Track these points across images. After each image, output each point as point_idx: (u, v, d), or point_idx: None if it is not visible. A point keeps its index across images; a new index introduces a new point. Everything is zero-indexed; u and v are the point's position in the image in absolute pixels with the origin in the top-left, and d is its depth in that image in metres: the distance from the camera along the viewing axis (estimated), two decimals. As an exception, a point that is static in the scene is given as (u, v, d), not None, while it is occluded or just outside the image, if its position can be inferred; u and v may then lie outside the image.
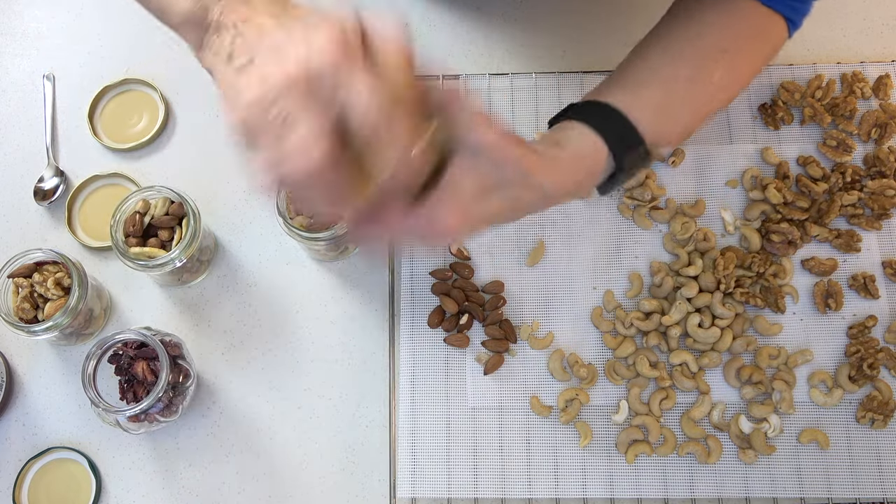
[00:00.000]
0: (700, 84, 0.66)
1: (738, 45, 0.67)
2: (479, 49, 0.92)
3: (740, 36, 0.68)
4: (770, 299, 0.79)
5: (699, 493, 0.75)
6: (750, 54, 0.69)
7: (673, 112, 0.65)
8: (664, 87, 0.65)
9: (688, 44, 0.67)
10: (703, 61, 0.66)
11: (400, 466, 0.76)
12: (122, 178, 0.86)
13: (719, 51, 0.67)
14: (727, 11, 0.68)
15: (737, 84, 0.69)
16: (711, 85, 0.67)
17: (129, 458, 0.78)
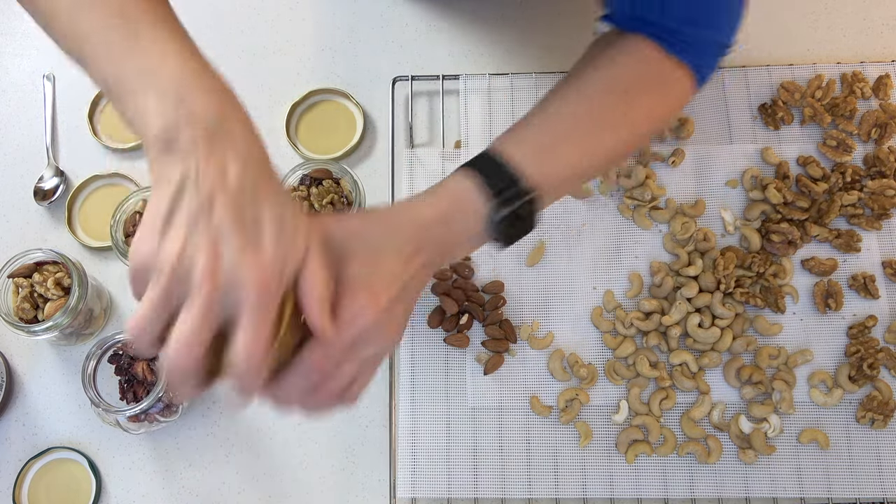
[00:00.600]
0: (589, 120, 0.64)
1: (636, 88, 0.66)
2: (479, 49, 0.92)
3: (640, 80, 0.66)
4: (770, 299, 0.79)
5: (699, 493, 0.75)
6: (648, 99, 0.67)
7: (556, 149, 0.62)
8: (549, 126, 0.63)
9: (582, 83, 0.65)
10: (595, 100, 0.64)
11: (400, 466, 0.76)
12: (122, 178, 0.86)
13: (611, 91, 0.65)
14: (629, 56, 0.67)
15: (633, 127, 0.66)
16: (603, 123, 0.64)
17: (129, 458, 0.78)
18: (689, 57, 0.67)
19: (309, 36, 0.93)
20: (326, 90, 0.89)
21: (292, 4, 0.94)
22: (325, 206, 0.77)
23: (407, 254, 0.56)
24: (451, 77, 0.89)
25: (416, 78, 0.89)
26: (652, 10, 0.66)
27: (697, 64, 0.67)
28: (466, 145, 0.85)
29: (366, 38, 0.93)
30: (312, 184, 0.78)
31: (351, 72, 0.91)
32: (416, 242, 0.57)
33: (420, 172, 0.85)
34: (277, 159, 0.87)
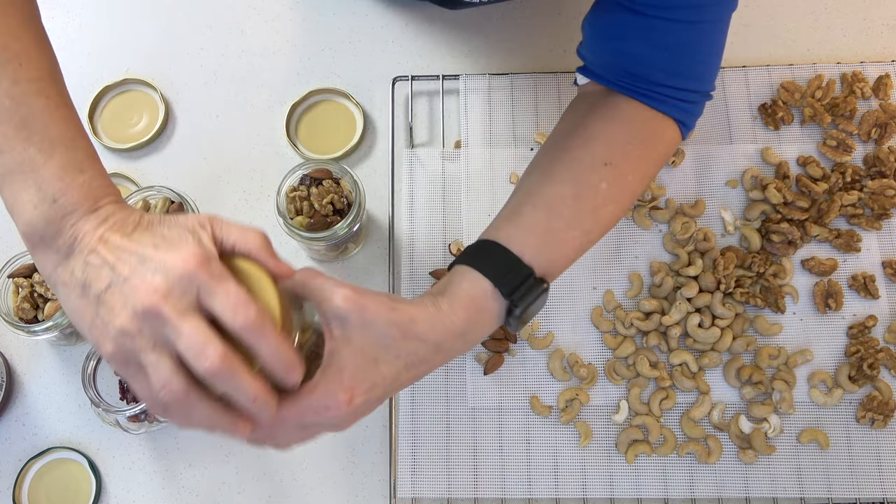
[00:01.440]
0: (586, 201, 0.64)
1: (623, 155, 0.66)
2: (480, 49, 0.92)
3: (627, 145, 0.66)
4: (770, 299, 0.79)
5: (699, 493, 0.75)
6: (638, 162, 0.67)
7: (560, 235, 0.63)
8: (549, 211, 0.63)
9: (571, 161, 0.65)
10: (587, 177, 0.64)
11: (400, 466, 0.76)
12: (122, 178, 0.86)
13: (603, 164, 0.65)
14: (613, 120, 0.67)
15: (628, 194, 0.67)
16: (598, 199, 0.64)
17: (129, 458, 0.78)
18: (675, 111, 0.67)
19: (309, 36, 0.93)
20: (326, 90, 0.89)
21: (292, 4, 0.94)
22: (325, 206, 0.77)
23: (407, 366, 0.56)
24: (451, 77, 0.89)
25: (416, 78, 0.89)
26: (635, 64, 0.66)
27: (683, 116, 0.68)
28: (466, 145, 0.86)
29: (366, 38, 0.93)
30: (312, 184, 0.78)
31: (351, 72, 0.91)
32: (420, 356, 0.57)
33: (420, 172, 0.85)
34: (277, 159, 0.88)
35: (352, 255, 0.84)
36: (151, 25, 0.94)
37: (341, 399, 0.53)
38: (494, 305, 0.59)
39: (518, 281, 0.59)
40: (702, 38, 0.66)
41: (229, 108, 0.90)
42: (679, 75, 0.67)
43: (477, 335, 0.60)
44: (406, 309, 0.56)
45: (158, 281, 0.46)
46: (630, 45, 0.66)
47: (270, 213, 0.85)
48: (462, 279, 0.60)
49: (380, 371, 0.55)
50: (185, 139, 0.89)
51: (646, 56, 0.66)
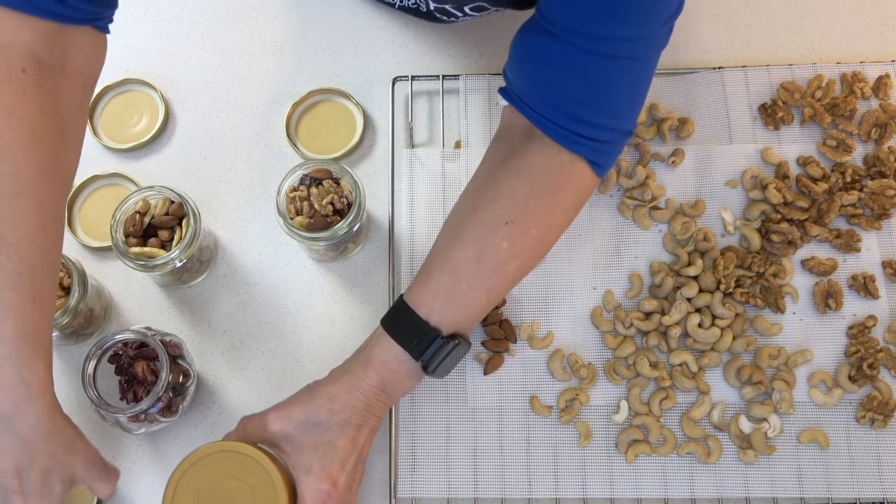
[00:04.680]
0: (488, 261, 0.66)
1: (525, 211, 0.66)
2: (479, 49, 0.92)
3: (530, 199, 0.66)
4: (770, 299, 0.79)
5: (699, 493, 0.75)
6: (542, 215, 0.67)
7: (465, 297, 0.66)
8: (453, 275, 0.66)
9: (476, 222, 0.67)
10: (489, 238, 0.66)
11: (400, 466, 0.76)
12: (122, 178, 0.86)
13: (504, 223, 0.66)
14: (520, 174, 0.67)
15: (531, 247, 0.68)
16: (500, 258, 0.66)
17: (129, 458, 0.78)
18: (589, 151, 0.66)
19: (309, 36, 0.93)
20: (326, 90, 0.89)
21: (292, 4, 0.94)
22: (325, 206, 0.77)
23: (355, 430, 0.67)
24: (451, 77, 0.89)
25: (416, 78, 0.89)
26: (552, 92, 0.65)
27: (598, 158, 0.67)
28: (466, 145, 0.86)
29: (366, 38, 0.93)
30: (312, 184, 0.78)
31: (351, 72, 0.91)
32: (360, 419, 0.67)
33: (420, 172, 0.85)
34: (277, 159, 0.87)
35: (352, 255, 0.84)
36: (151, 25, 0.94)
37: (326, 488, 0.65)
38: (407, 365, 0.67)
39: (425, 344, 0.66)
40: (621, 74, 0.64)
41: (229, 108, 0.90)
42: (595, 109, 0.65)
43: (398, 388, 0.68)
44: (323, 391, 0.67)
45: None
46: (548, 71, 0.64)
47: (270, 213, 0.85)
48: (376, 344, 0.68)
49: (339, 449, 0.66)
50: (185, 139, 0.89)
51: (562, 84, 0.64)
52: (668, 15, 0.63)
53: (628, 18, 0.61)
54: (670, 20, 0.64)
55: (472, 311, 0.68)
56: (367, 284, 0.83)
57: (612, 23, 0.61)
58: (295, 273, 0.84)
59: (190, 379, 0.75)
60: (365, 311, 0.82)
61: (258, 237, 0.85)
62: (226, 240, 0.85)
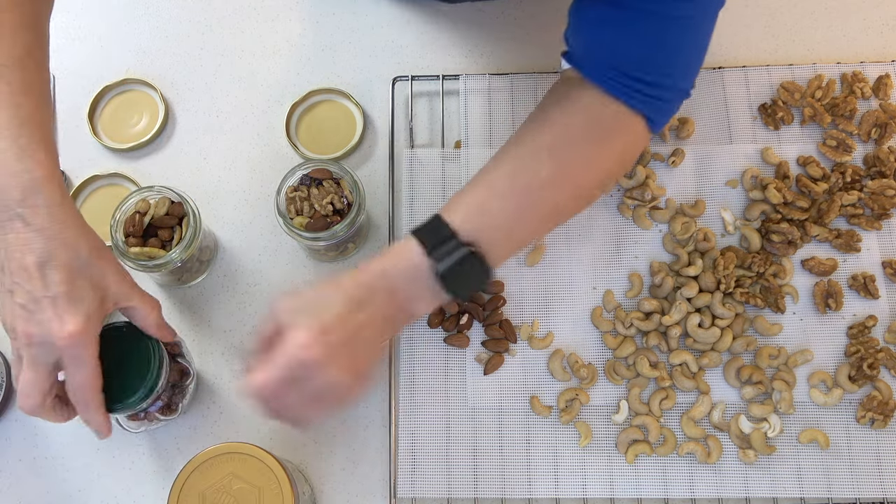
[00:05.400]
0: (520, 179, 0.65)
1: (571, 145, 0.66)
2: (480, 49, 0.92)
3: (578, 136, 0.66)
4: (770, 299, 0.79)
5: (699, 493, 0.75)
6: (586, 154, 0.67)
7: (489, 205, 0.65)
8: (486, 186, 0.66)
9: (518, 144, 0.67)
10: (527, 160, 0.66)
11: (400, 466, 0.76)
12: (122, 178, 0.86)
13: (546, 150, 0.66)
14: (571, 110, 0.67)
15: (570, 182, 0.67)
16: (535, 182, 0.65)
17: (128, 458, 0.78)
18: (644, 106, 0.67)
19: (309, 36, 0.93)
20: (326, 90, 0.89)
21: (292, 4, 0.94)
22: (325, 206, 0.77)
23: (350, 307, 0.61)
24: (451, 77, 0.89)
25: (416, 78, 0.89)
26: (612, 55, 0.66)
27: (652, 113, 0.67)
28: (467, 145, 0.86)
29: (366, 38, 0.93)
30: (312, 184, 0.78)
31: (351, 72, 0.91)
32: (359, 297, 0.61)
33: (420, 173, 0.85)
34: (277, 159, 0.88)
35: (352, 255, 0.84)
36: (151, 25, 0.94)
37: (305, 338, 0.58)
38: (418, 257, 0.62)
39: (439, 239, 0.62)
40: (682, 33, 0.65)
41: (229, 108, 0.90)
42: (655, 69, 0.66)
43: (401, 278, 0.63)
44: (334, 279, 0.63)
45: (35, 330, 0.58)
46: (608, 35, 0.66)
47: (270, 213, 0.85)
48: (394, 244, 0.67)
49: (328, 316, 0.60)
50: (185, 139, 0.89)
51: (623, 48, 0.65)
52: None
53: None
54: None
55: (494, 223, 0.65)
56: (367, 284, 0.83)
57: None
58: (295, 273, 0.84)
59: (189, 377, 0.75)
60: (365, 311, 0.82)
61: (258, 237, 0.85)
62: (226, 240, 0.85)
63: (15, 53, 0.59)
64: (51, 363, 0.60)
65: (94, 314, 0.60)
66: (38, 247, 0.57)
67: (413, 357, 0.79)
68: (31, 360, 0.59)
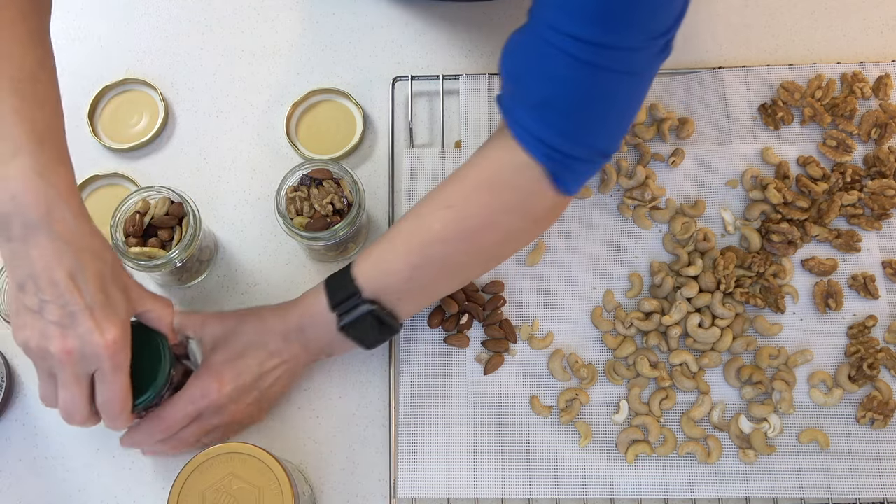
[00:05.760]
0: (416, 237, 0.67)
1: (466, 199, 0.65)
2: (480, 49, 0.92)
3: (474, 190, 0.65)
4: (770, 299, 0.79)
5: (699, 493, 0.75)
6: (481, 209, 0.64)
7: (390, 266, 0.68)
8: (388, 243, 0.68)
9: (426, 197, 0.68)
10: (426, 216, 0.67)
11: (400, 466, 0.76)
12: (122, 178, 0.86)
13: (444, 206, 0.66)
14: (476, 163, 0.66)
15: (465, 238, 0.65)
16: (429, 237, 0.66)
17: (128, 458, 0.78)
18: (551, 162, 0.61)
19: (309, 36, 0.93)
20: (326, 90, 0.89)
21: (292, 4, 0.94)
22: (325, 206, 0.77)
23: (266, 354, 0.71)
24: (451, 77, 0.89)
25: (416, 78, 0.89)
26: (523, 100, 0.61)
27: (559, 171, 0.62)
28: (466, 145, 0.86)
29: (366, 38, 0.93)
30: (312, 184, 0.78)
31: (351, 72, 0.91)
32: (276, 347, 0.71)
33: (420, 173, 0.85)
34: (277, 159, 0.88)
35: (352, 255, 0.84)
36: (152, 25, 0.94)
37: (213, 386, 0.69)
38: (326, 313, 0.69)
39: (344, 296, 0.68)
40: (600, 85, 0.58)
41: (229, 108, 0.90)
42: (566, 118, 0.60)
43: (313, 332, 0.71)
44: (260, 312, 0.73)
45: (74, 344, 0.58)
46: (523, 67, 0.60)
47: (270, 213, 0.85)
48: (308, 294, 0.72)
49: (245, 362, 0.71)
50: (185, 139, 0.89)
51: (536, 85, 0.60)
52: (663, 28, 0.58)
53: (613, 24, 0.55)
54: (666, 34, 0.58)
55: (392, 281, 0.68)
56: (367, 284, 0.83)
57: (596, 26, 0.55)
58: (295, 273, 0.84)
59: None
60: (365, 311, 0.82)
61: (258, 237, 0.85)
62: (226, 240, 0.85)
63: (27, 67, 0.59)
64: (89, 375, 0.60)
65: (127, 320, 0.61)
66: (67, 259, 0.57)
67: (413, 357, 0.79)
68: (72, 377, 0.59)
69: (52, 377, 0.61)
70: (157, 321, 0.66)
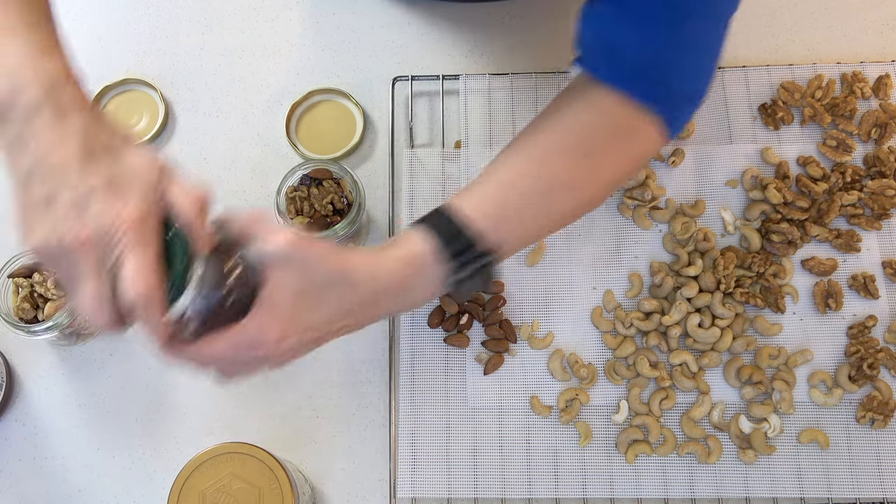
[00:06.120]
0: (542, 182, 0.63)
1: (594, 144, 0.65)
2: (480, 49, 0.92)
3: (597, 136, 0.65)
4: (770, 299, 0.79)
5: (699, 493, 0.75)
6: (608, 159, 0.65)
7: (512, 210, 0.62)
8: (506, 186, 0.63)
9: (541, 142, 0.65)
10: (550, 160, 0.64)
11: (400, 466, 0.76)
12: (122, 178, 0.86)
13: (564, 150, 0.64)
14: (590, 110, 0.65)
15: (590, 185, 0.66)
16: (555, 183, 0.64)
17: (129, 458, 0.78)
18: (662, 108, 0.65)
19: (309, 36, 0.93)
20: (326, 90, 0.89)
21: (292, 4, 0.94)
22: (325, 206, 0.77)
23: (341, 312, 0.58)
24: (451, 77, 0.89)
25: (416, 78, 0.89)
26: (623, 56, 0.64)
27: (670, 115, 0.66)
28: (466, 145, 0.86)
29: (366, 38, 0.93)
30: (312, 184, 0.78)
31: (351, 72, 0.91)
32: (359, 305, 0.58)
33: (420, 173, 0.85)
34: (277, 159, 0.87)
35: (352, 255, 0.84)
36: (152, 25, 0.94)
37: (272, 337, 0.55)
38: (435, 268, 0.59)
39: (461, 247, 0.59)
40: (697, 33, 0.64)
41: (229, 108, 0.90)
42: (671, 70, 0.65)
43: (414, 294, 0.60)
44: (348, 256, 0.57)
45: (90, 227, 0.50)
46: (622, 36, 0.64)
47: (270, 214, 0.85)
48: (409, 238, 0.60)
49: (315, 315, 0.56)
50: (185, 139, 0.89)
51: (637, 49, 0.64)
52: None
53: None
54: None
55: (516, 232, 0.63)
56: (367, 284, 0.83)
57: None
58: (295, 273, 0.84)
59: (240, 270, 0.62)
60: (365, 311, 0.82)
61: (258, 237, 0.85)
62: (226, 240, 0.85)
63: None
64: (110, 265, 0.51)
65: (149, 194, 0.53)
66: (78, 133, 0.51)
67: (413, 357, 0.79)
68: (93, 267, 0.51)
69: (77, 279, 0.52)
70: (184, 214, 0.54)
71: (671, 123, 0.67)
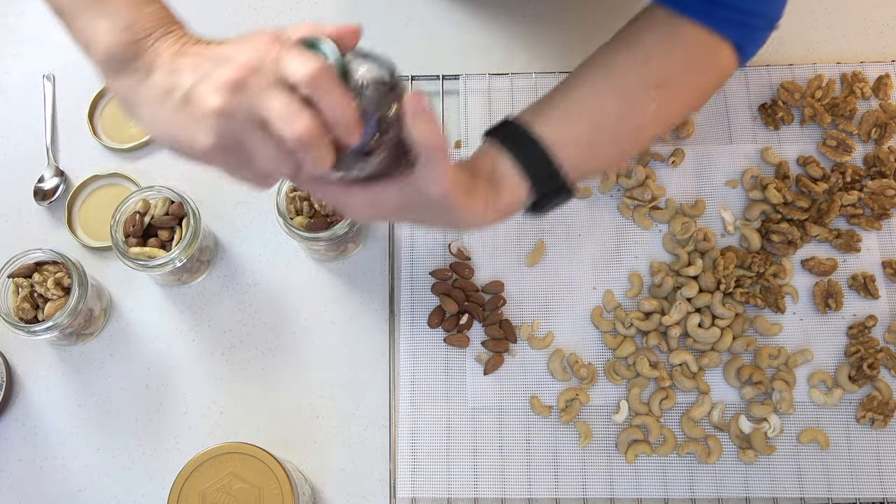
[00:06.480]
0: (632, 120, 0.65)
1: (677, 78, 0.65)
2: (480, 49, 0.92)
3: (682, 69, 0.65)
4: (770, 299, 0.79)
5: (699, 493, 0.75)
6: (689, 86, 0.66)
7: (600, 149, 0.64)
8: (594, 123, 0.64)
9: (623, 77, 0.65)
10: (637, 97, 0.64)
11: (400, 466, 0.76)
12: (122, 178, 0.86)
13: (655, 86, 0.64)
14: (667, 40, 0.66)
15: (673, 116, 0.68)
16: (644, 119, 0.65)
17: (129, 458, 0.78)
18: (735, 33, 0.66)
19: (309, 36, 0.93)
20: (326, 90, 0.89)
21: (292, 4, 0.94)
22: (326, 206, 0.77)
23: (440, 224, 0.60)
24: (451, 77, 0.89)
25: (416, 78, 0.89)
26: None
27: (742, 40, 0.66)
28: (466, 145, 0.86)
29: (366, 38, 0.92)
30: (312, 184, 0.78)
31: (351, 72, 0.91)
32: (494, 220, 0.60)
33: (420, 172, 0.85)
34: (277, 159, 0.87)
35: (352, 255, 0.84)
36: (151, 25, 0.94)
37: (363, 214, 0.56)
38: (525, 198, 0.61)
39: (551, 189, 0.61)
40: None
41: (229, 108, 0.90)
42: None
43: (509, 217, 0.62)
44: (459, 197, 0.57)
45: (241, 60, 0.49)
46: None
47: (270, 214, 0.85)
48: (507, 178, 0.61)
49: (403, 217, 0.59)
50: (185, 139, 0.89)
51: None
52: None
53: None
54: None
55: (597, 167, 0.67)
56: (367, 284, 0.83)
57: None
58: (295, 273, 0.84)
59: None
60: (365, 311, 0.82)
61: (258, 237, 0.85)
62: (226, 240, 0.85)
63: None
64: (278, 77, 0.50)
65: None
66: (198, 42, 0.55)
67: (413, 357, 0.79)
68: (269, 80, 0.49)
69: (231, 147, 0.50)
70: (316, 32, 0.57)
71: (745, 49, 0.67)
